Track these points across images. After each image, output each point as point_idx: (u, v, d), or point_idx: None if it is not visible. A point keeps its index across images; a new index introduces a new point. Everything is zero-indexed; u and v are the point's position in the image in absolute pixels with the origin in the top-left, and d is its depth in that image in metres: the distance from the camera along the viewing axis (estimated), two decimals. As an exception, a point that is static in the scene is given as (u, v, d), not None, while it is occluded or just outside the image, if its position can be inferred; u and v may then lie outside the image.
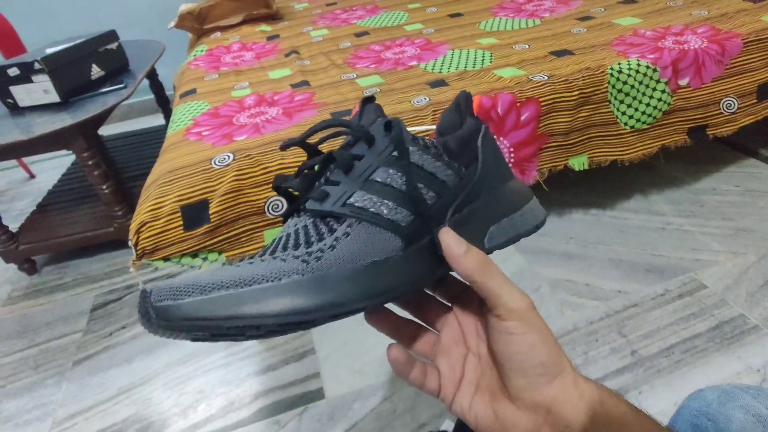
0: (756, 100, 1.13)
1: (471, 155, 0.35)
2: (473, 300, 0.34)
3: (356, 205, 0.30)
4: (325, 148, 0.35)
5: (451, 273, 0.34)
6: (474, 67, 1.08)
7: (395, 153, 0.31)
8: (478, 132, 0.36)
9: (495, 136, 0.40)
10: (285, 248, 0.29)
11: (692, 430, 0.39)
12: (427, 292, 0.37)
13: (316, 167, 0.34)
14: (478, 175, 0.35)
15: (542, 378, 0.27)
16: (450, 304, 0.36)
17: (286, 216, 0.34)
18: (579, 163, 1.05)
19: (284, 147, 0.34)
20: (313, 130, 0.33)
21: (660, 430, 0.27)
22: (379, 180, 0.31)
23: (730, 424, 0.37)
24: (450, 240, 0.30)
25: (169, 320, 0.24)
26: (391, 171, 0.31)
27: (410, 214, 0.31)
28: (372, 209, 0.30)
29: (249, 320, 0.25)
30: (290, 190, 0.34)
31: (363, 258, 0.29)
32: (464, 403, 0.31)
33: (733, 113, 1.11)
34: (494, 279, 0.29)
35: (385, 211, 0.30)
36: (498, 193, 0.36)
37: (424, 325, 0.37)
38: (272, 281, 0.26)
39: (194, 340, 0.26)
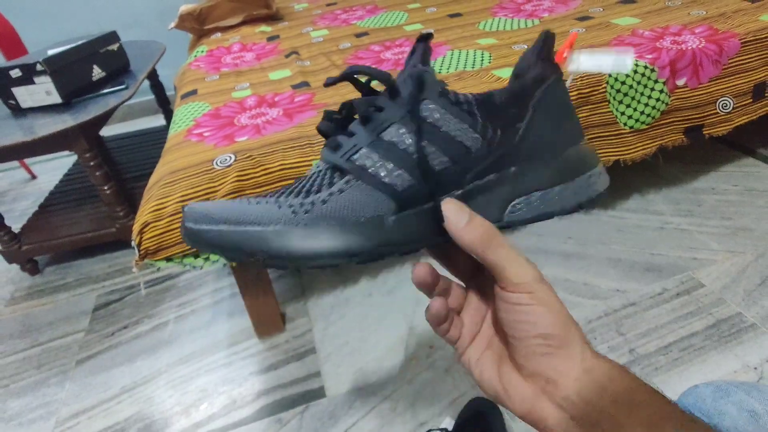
0: (751, 100, 1.13)
1: (518, 113, 0.31)
2: None
3: (357, 162, 0.30)
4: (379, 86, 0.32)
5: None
6: (473, 67, 1.09)
7: (410, 108, 0.29)
8: (541, 83, 0.32)
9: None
10: (290, 192, 0.30)
11: (686, 425, 0.40)
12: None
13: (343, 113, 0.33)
14: (518, 139, 0.31)
15: (543, 349, 0.27)
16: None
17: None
18: None
19: (328, 84, 0.32)
20: (341, 78, 0.31)
21: (671, 407, 0.26)
22: (386, 139, 0.29)
23: (723, 420, 0.37)
24: (450, 211, 0.28)
25: (190, 237, 0.29)
26: (402, 130, 0.29)
27: (411, 179, 0.29)
28: (371, 169, 0.29)
29: (248, 255, 0.28)
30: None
31: (350, 216, 0.29)
32: (473, 357, 0.31)
33: (728, 113, 1.12)
34: (498, 252, 0.28)
35: (382, 173, 0.29)
36: (545, 161, 0.31)
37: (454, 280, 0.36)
38: (263, 225, 0.28)
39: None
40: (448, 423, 0.86)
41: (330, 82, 0.32)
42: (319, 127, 0.33)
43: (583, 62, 0.38)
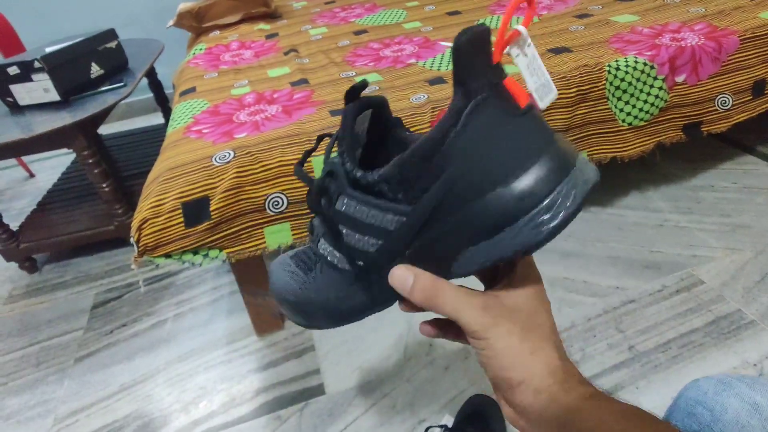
0: (751, 97, 1.13)
1: (431, 167, 0.27)
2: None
3: (319, 252, 0.34)
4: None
5: None
6: (472, 64, 1.09)
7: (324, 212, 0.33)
8: (458, 116, 0.26)
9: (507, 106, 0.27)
10: (297, 265, 0.36)
11: (688, 418, 0.40)
12: None
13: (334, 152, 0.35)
14: (438, 200, 0.27)
15: (505, 385, 0.29)
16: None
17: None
18: None
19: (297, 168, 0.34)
20: (307, 152, 0.36)
21: (616, 416, 0.26)
22: (324, 231, 0.34)
23: (726, 413, 0.37)
24: (395, 279, 0.30)
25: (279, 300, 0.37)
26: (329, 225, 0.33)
27: (361, 259, 0.31)
28: (328, 258, 0.33)
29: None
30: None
31: (328, 293, 0.33)
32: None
33: (727, 110, 1.12)
34: (446, 305, 0.29)
35: (335, 261, 0.33)
36: (481, 205, 0.27)
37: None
38: (288, 296, 0.36)
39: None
40: (448, 420, 0.85)
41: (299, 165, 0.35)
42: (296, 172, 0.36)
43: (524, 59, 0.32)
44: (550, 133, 0.28)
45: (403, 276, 0.29)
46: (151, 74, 1.76)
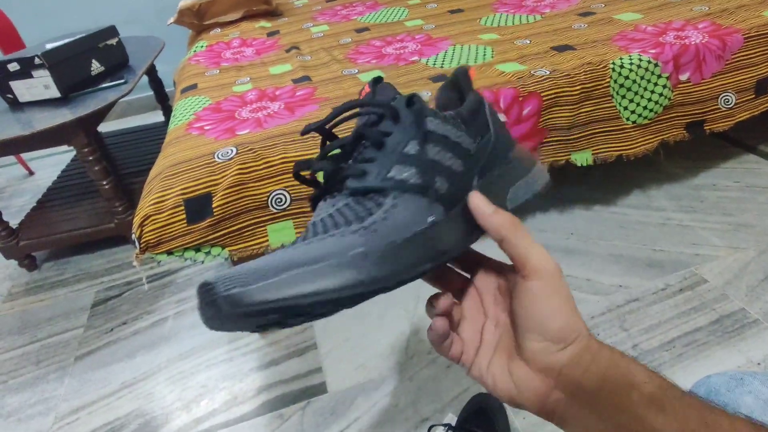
0: (754, 96, 1.13)
1: (482, 126, 0.36)
2: (491, 268, 0.35)
3: (396, 178, 0.31)
4: (340, 132, 0.34)
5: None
6: (475, 62, 1.09)
7: (418, 126, 0.32)
8: (483, 104, 0.37)
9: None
10: (336, 226, 0.29)
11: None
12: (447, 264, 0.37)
13: (336, 151, 0.34)
14: (492, 144, 0.36)
15: (559, 344, 0.28)
16: (468, 275, 0.36)
17: (316, 200, 0.34)
18: (582, 158, 1.05)
19: (306, 132, 0.34)
20: (336, 113, 0.33)
21: (673, 388, 0.27)
22: (412, 153, 0.31)
23: (739, 410, 0.37)
24: (479, 201, 0.31)
25: (241, 306, 0.24)
26: (417, 146, 0.32)
27: (446, 182, 0.31)
28: (412, 180, 0.31)
29: (326, 294, 0.25)
30: (308, 175, 0.35)
31: (414, 225, 0.29)
32: (482, 366, 0.32)
33: (730, 108, 1.12)
34: (524, 238, 0.29)
35: (421, 182, 0.31)
36: (509, 160, 0.37)
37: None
38: (338, 257, 0.26)
39: (262, 327, 0.26)
40: (451, 419, 0.85)
41: (307, 130, 0.34)
42: (303, 170, 0.33)
43: None
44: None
45: (483, 201, 0.31)
46: (151, 72, 1.75)
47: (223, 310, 0.24)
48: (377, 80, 0.36)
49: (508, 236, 0.29)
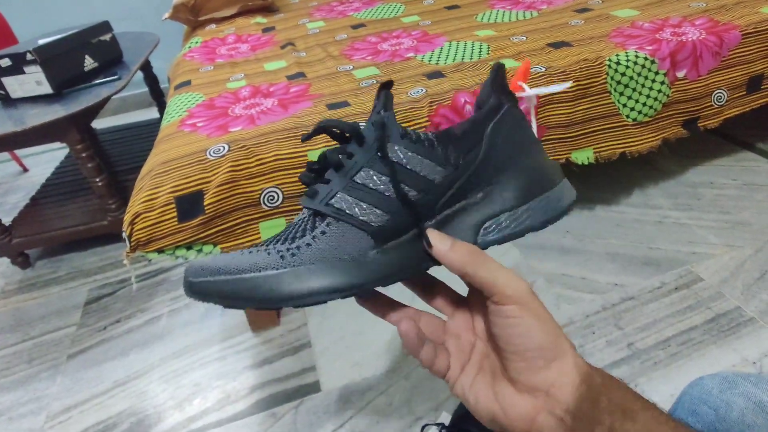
0: (745, 92, 1.12)
1: (476, 141, 0.34)
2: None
3: (335, 205, 0.32)
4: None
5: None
6: (471, 58, 1.08)
7: (378, 153, 0.32)
8: (497, 112, 0.35)
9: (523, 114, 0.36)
10: (278, 240, 0.33)
11: (692, 417, 0.39)
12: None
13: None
14: (476, 165, 0.34)
15: (539, 361, 0.27)
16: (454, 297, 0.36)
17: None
18: (583, 157, 1.04)
19: (304, 140, 0.35)
20: (314, 132, 0.34)
21: (662, 416, 0.26)
22: (358, 181, 0.32)
23: (731, 411, 0.36)
24: (434, 237, 0.31)
25: (190, 290, 0.31)
26: (371, 172, 0.32)
27: (384, 214, 0.32)
28: (347, 210, 0.32)
29: (238, 301, 0.31)
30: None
31: (333, 255, 0.31)
32: (465, 384, 0.31)
33: (721, 105, 1.11)
34: (485, 268, 0.29)
35: (358, 212, 0.32)
36: (507, 183, 0.34)
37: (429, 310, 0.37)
38: (254, 272, 0.31)
39: (212, 303, 0.32)
40: (445, 418, 0.85)
41: (305, 138, 0.35)
42: (300, 177, 0.35)
43: (533, 91, 0.45)
44: (542, 150, 0.37)
45: (439, 237, 0.31)
46: (146, 68, 1.74)
47: (185, 288, 0.32)
48: (385, 85, 0.35)
49: (468, 271, 0.29)
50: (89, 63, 1.34)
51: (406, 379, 0.92)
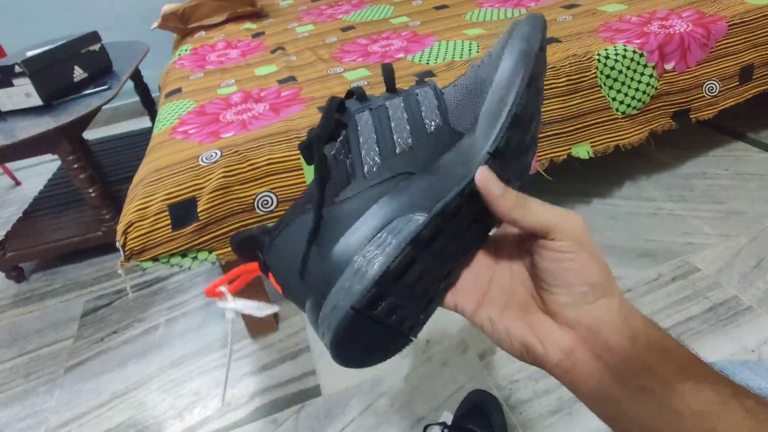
0: (738, 83, 1.13)
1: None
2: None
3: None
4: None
5: None
6: (461, 57, 1.08)
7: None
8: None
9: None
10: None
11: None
12: None
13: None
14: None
15: (588, 297, 0.27)
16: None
17: None
18: (582, 151, 1.04)
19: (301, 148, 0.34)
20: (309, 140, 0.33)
21: (695, 357, 0.26)
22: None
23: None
24: (486, 181, 0.29)
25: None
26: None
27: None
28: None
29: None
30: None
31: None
32: (493, 315, 0.30)
33: (714, 96, 1.12)
34: (538, 212, 0.28)
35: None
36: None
37: None
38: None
39: None
40: (447, 417, 0.84)
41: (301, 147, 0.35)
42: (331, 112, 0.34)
43: (232, 305, 0.38)
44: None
45: (492, 177, 0.29)
46: (136, 77, 1.73)
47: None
48: (388, 81, 0.34)
49: (521, 219, 0.28)
50: (78, 74, 1.33)
51: (407, 380, 0.92)
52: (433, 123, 0.32)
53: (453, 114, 0.32)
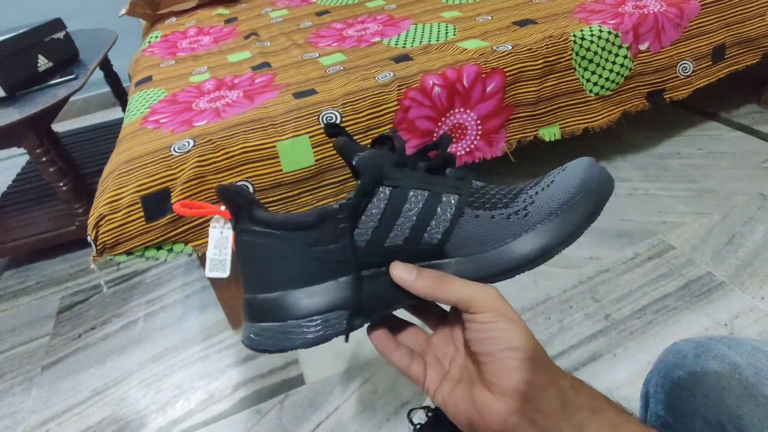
0: (711, 63, 1.15)
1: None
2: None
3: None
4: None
5: None
6: (438, 40, 1.07)
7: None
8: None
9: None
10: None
11: (669, 383, 0.39)
12: None
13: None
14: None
15: (514, 362, 0.28)
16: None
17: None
18: (550, 133, 1.05)
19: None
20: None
21: (625, 414, 0.28)
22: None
23: (707, 375, 0.37)
24: (398, 271, 0.33)
25: None
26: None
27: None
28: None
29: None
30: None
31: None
32: (445, 393, 0.32)
33: (688, 76, 1.13)
34: (453, 288, 0.31)
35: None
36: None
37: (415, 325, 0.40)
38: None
39: None
40: (431, 401, 0.85)
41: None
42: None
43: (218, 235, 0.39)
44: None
45: (404, 266, 0.33)
46: (106, 66, 1.68)
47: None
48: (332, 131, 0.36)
49: (439, 295, 0.31)
50: (43, 63, 1.28)
51: (390, 366, 0.92)
52: (433, 238, 0.33)
53: (453, 242, 0.33)
